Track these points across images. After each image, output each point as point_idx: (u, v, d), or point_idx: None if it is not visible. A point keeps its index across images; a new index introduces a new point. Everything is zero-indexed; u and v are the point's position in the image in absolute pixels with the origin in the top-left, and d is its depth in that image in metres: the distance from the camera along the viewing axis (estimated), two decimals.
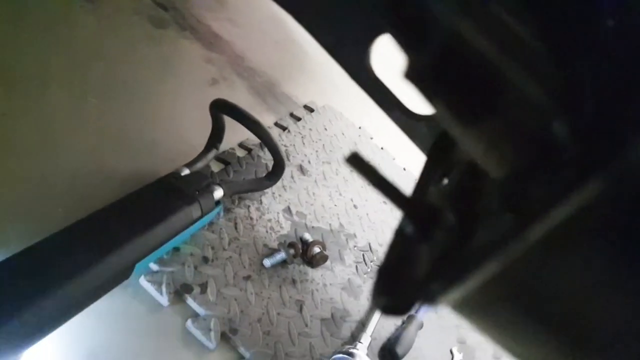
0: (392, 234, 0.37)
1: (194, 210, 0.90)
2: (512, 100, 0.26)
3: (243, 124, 1.01)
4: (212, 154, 1.06)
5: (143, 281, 0.85)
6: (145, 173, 0.96)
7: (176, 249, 0.92)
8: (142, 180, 0.91)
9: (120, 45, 1.22)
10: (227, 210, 1.07)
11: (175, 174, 0.95)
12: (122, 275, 0.78)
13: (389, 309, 0.32)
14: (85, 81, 1.08)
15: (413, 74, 0.27)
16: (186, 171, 0.97)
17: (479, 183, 0.33)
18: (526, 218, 0.22)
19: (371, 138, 1.74)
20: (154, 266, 0.87)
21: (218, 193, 0.97)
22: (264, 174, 1.22)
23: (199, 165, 1.02)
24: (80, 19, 1.21)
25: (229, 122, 1.11)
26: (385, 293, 0.33)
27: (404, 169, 1.72)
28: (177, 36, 1.39)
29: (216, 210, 0.97)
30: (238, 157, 1.21)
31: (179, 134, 1.12)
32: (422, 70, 0.27)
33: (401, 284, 0.33)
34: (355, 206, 1.38)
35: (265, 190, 1.18)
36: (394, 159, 1.73)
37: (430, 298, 0.28)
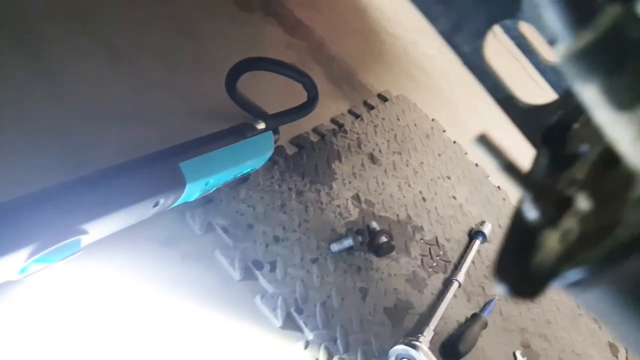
0: (510, 220, 0.36)
1: (238, 130, 0.91)
2: None
3: (270, 69, 1.03)
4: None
5: (218, 254, 0.87)
6: None
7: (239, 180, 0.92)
8: None
9: (209, 25, 1.24)
10: (299, 193, 1.07)
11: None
12: (171, 176, 0.76)
13: (520, 291, 0.31)
14: (177, 57, 1.11)
15: (577, 52, 0.26)
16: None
17: (615, 171, 0.32)
18: None
19: (444, 131, 1.71)
20: (229, 241, 0.89)
21: (260, 125, 0.96)
22: (335, 160, 1.22)
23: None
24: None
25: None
26: (513, 275, 0.32)
27: (476, 165, 1.69)
28: (261, 20, 1.41)
29: (267, 141, 0.96)
30: (312, 141, 1.22)
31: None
32: (591, 48, 0.26)
33: (528, 267, 0.32)
34: (424, 199, 1.36)
35: (335, 176, 1.18)
36: (466, 153, 1.69)
37: (567, 280, 0.27)
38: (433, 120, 1.71)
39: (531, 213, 0.33)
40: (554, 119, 0.43)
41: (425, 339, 0.97)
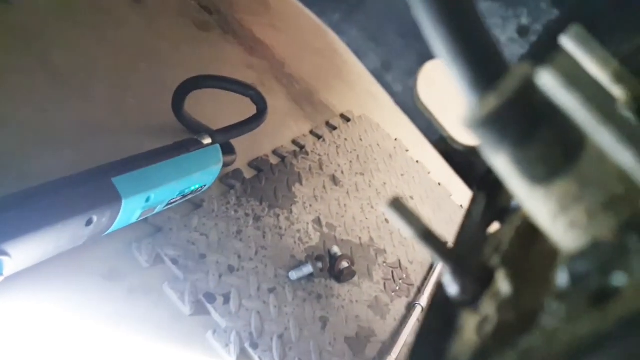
0: (431, 295, 0.33)
1: (182, 145, 0.87)
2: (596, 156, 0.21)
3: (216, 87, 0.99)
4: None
5: (166, 288, 0.81)
6: None
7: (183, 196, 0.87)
8: None
9: (164, 47, 1.19)
10: (257, 219, 1.03)
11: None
12: (103, 191, 0.71)
13: None
14: (127, 81, 1.05)
15: (482, 120, 0.22)
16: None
17: (540, 241, 0.28)
18: (615, 315, 0.16)
19: (407, 151, 1.68)
20: (179, 274, 0.84)
21: (206, 140, 0.91)
22: (295, 183, 1.18)
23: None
24: (127, 19, 1.19)
25: (264, 128, 1.07)
26: None
27: (439, 184, 1.66)
28: (220, 40, 1.36)
29: (214, 155, 0.91)
30: (271, 164, 1.17)
31: None
32: (496, 114, 0.22)
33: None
34: (386, 220, 1.33)
35: (296, 200, 1.14)
36: (429, 173, 1.67)
37: None
38: (396, 139, 1.68)
39: (451, 288, 0.29)
40: None
41: None
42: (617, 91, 0.26)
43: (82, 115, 0.92)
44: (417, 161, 1.67)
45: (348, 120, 1.55)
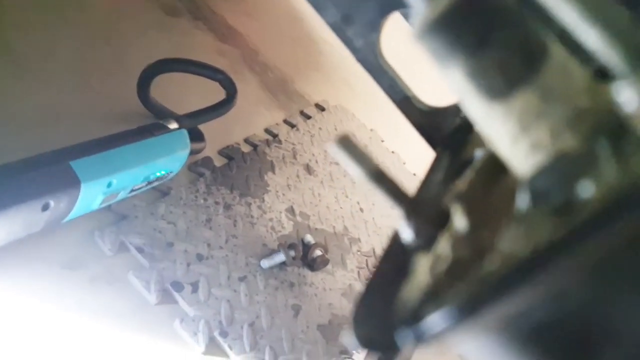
0: (388, 241, 0.30)
1: (146, 129, 0.83)
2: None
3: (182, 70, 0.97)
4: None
5: (131, 276, 0.78)
6: None
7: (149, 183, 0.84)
8: None
9: (129, 31, 1.16)
10: (227, 207, 1.00)
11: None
12: (60, 174, 0.68)
13: (369, 342, 0.24)
14: (90, 65, 1.02)
15: (431, 25, 0.20)
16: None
17: (501, 182, 0.26)
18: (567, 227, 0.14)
19: (382, 141, 1.66)
20: (144, 262, 0.80)
21: (172, 124, 0.88)
22: (268, 171, 1.15)
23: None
24: (91, 2, 1.15)
25: (236, 116, 1.04)
26: (367, 319, 0.26)
27: (414, 175, 1.65)
28: (190, 26, 1.33)
29: (180, 140, 0.88)
30: (243, 152, 1.14)
31: None
32: (446, 17, 0.20)
33: (389, 308, 0.25)
34: (361, 209, 1.31)
35: (268, 189, 1.11)
36: (404, 163, 1.65)
37: (420, 330, 0.20)
38: (371, 130, 1.66)
39: (405, 232, 0.27)
40: (457, 121, 0.37)
41: (359, 355, 0.90)
42: None
43: (43, 99, 0.89)
44: (393, 152, 1.66)
45: (323, 109, 1.53)
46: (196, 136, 0.98)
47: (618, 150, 0.17)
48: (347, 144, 0.27)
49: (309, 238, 1.08)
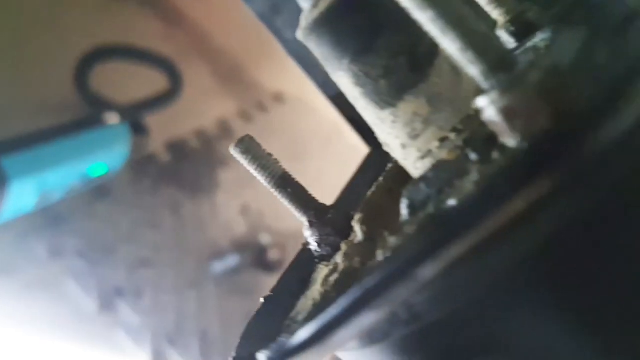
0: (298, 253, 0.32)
1: (82, 122, 0.85)
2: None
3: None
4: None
5: (69, 282, 0.79)
6: None
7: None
8: None
9: (67, 15, 1.16)
10: (175, 207, 1.01)
11: None
12: None
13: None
14: (23, 52, 1.01)
15: (314, 23, 0.22)
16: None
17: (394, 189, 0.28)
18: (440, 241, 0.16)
19: (345, 136, 1.69)
20: (84, 267, 0.81)
21: (112, 117, 0.90)
22: (220, 167, 1.17)
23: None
24: None
25: (184, 107, 1.06)
26: (255, 335, 0.28)
27: None
28: (135, 10, 1.33)
29: (120, 135, 0.90)
30: (192, 146, 1.16)
31: None
32: (329, 17, 0.22)
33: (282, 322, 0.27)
34: None
35: (220, 186, 1.13)
36: None
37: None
38: (334, 124, 1.69)
39: (311, 240, 0.29)
40: None
41: None
42: (494, 12, 0.26)
43: None
44: (357, 147, 1.69)
45: (281, 101, 1.54)
46: (139, 129, 0.99)
47: (485, 159, 0.19)
48: (248, 146, 0.29)
49: (265, 238, 1.09)
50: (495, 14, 0.27)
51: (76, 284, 0.79)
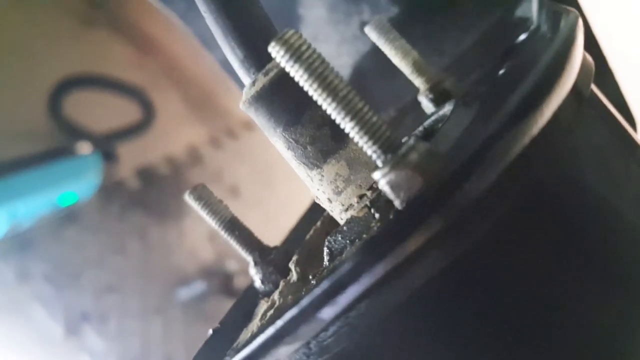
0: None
1: (54, 152, 0.87)
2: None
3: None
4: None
5: (36, 306, 0.81)
6: None
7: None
8: None
9: (40, 42, 1.19)
10: (142, 232, 1.04)
11: None
12: None
13: None
14: None
15: (251, 98, 0.26)
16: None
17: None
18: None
19: None
20: (50, 291, 0.83)
21: (84, 147, 0.93)
22: (187, 192, 1.20)
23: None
24: (2, 13, 1.17)
25: (155, 133, 1.08)
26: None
27: None
28: (107, 37, 1.36)
29: (91, 164, 0.93)
30: (161, 172, 1.19)
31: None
32: (262, 94, 0.26)
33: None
34: None
35: (188, 212, 1.16)
36: None
37: None
38: None
39: (255, 278, 0.33)
40: None
41: None
42: (417, 80, 0.31)
43: None
44: None
45: (250, 128, 1.58)
46: (110, 157, 1.02)
47: (384, 218, 0.23)
48: (200, 194, 0.33)
49: (232, 265, 1.12)
50: (418, 81, 0.32)
51: (42, 308, 0.81)
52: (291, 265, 0.30)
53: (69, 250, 0.90)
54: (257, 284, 0.33)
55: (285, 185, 1.49)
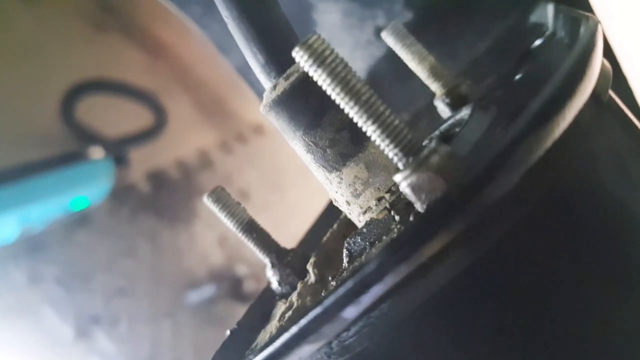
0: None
1: (66, 157, 0.88)
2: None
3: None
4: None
5: (46, 309, 0.82)
6: None
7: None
8: None
9: (53, 47, 1.20)
10: (153, 236, 1.04)
11: None
12: None
13: None
14: (9, 81, 1.05)
15: (271, 103, 0.27)
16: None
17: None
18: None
19: None
20: (61, 294, 0.84)
21: (96, 152, 0.93)
22: (198, 198, 1.20)
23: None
24: (16, 18, 1.18)
25: (166, 137, 1.09)
26: None
27: None
28: (120, 43, 1.37)
29: (103, 170, 0.93)
30: (172, 176, 1.19)
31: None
32: (282, 99, 0.26)
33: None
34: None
35: (199, 216, 1.16)
36: None
37: None
38: None
39: (272, 280, 0.33)
40: None
41: None
42: (433, 85, 0.31)
43: None
44: None
45: (261, 133, 1.58)
46: (121, 161, 1.02)
47: (404, 221, 0.24)
48: (219, 197, 0.33)
49: (242, 269, 1.12)
50: (434, 86, 0.32)
51: (53, 311, 0.82)
52: (309, 267, 0.31)
53: (79, 254, 0.90)
54: (274, 285, 0.34)
55: (295, 190, 1.50)
